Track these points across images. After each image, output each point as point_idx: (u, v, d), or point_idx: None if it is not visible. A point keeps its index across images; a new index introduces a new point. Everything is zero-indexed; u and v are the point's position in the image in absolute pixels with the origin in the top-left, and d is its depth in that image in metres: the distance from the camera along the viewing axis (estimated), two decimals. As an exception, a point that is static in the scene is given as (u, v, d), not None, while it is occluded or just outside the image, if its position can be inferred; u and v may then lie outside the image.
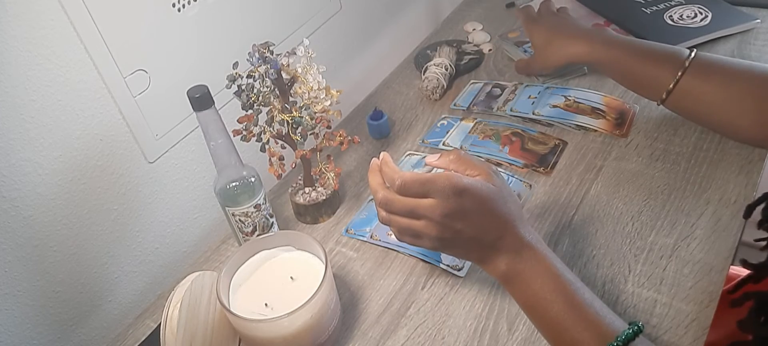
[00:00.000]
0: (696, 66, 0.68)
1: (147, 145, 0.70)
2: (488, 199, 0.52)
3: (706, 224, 0.65)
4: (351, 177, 0.84)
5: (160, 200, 0.74)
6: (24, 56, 0.56)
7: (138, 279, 0.74)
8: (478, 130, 0.86)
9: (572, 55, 0.78)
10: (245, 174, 0.67)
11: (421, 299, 0.65)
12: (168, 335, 0.55)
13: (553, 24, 0.82)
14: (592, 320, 0.49)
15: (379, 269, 0.70)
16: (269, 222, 0.71)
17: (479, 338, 0.60)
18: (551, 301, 0.50)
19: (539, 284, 0.51)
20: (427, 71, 0.95)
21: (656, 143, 0.77)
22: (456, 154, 0.56)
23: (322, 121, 0.70)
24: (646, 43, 0.74)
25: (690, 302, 0.58)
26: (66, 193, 0.63)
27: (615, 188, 0.72)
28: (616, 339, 0.47)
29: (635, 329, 0.48)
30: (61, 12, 0.57)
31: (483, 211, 0.52)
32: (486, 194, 0.52)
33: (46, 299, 0.65)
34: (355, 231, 0.75)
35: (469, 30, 1.11)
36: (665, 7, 0.99)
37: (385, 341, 0.62)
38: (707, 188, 0.69)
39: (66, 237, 0.65)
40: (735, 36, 0.92)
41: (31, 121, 0.58)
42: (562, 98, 0.87)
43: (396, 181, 0.54)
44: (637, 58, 0.72)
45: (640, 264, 0.63)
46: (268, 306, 0.58)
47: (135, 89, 0.66)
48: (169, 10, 0.67)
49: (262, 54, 0.64)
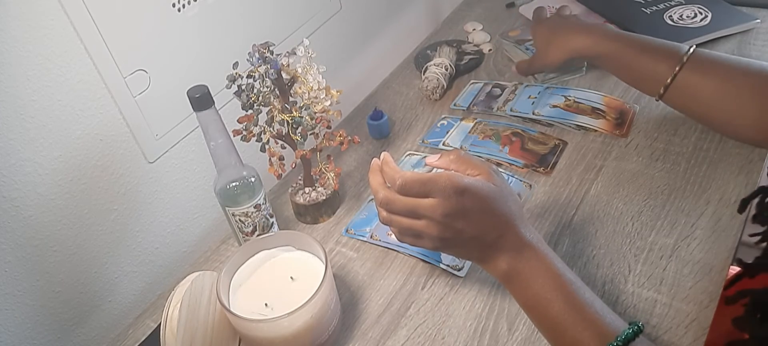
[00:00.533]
0: (694, 61, 0.68)
1: (147, 145, 0.70)
2: (489, 198, 0.52)
3: (706, 224, 0.65)
4: (351, 177, 0.84)
5: (160, 200, 0.74)
6: (24, 56, 0.56)
7: (138, 279, 0.74)
8: (478, 131, 0.86)
9: (572, 50, 0.78)
10: (245, 174, 0.67)
11: (421, 299, 0.65)
12: (168, 335, 0.55)
13: (555, 22, 0.82)
14: (593, 319, 0.49)
15: (379, 269, 0.70)
16: (269, 222, 0.71)
17: (479, 338, 0.60)
18: (551, 300, 0.50)
19: (540, 284, 0.51)
20: (427, 71, 0.95)
21: (656, 143, 0.77)
22: (456, 154, 0.56)
23: (322, 121, 0.70)
24: (646, 38, 0.73)
25: (690, 302, 0.58)
26: (66, 193, 0.63)
27: (615, 188, 0.72)
28: (617, 339, 0.47)
29: (635, 329, 0.48)
30: (61, 12, 0.57)
31: (484, 210, 0.52)
32: (487, 193, 0.52)
33: (46, 299, 0.65)
34: (355, 231, 0.75)
35: (469, 30, 1.11)
36: (665, 7, 0.99)
37: (385, 341, 0.62)
38: (707, 188, 0.69)
39: (66, 237, 0.65)
40: (735, 36, 0.92)
41: (31, 121, 0.58)
42: (562, 98, 0.87)
43: (397, 180, 0.54)
44: (636, 52, 0.72)
45: (640, 264, 0.63)
46: (268, 306, 0.58)
47: (135, 89, 0.66)
48: (169, 10, 0.67)
49: (262, 54, 0.64)
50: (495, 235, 0.52)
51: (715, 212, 0.66)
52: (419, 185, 0.52)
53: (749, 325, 0.52)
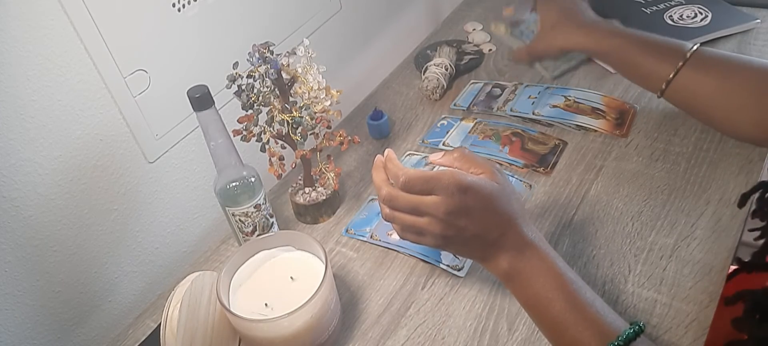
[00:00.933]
0: (696, 59, 0.68)
1: (147, 145, 0.70)
2: (492, 197, 0.52)
3: (706, 224, 0.65)
4: (351, 177, 0.84)
5: (160, 200, 0.74)
6: (24, 56, 0.56)
7: (138, 279, 0.74)
8: (478, 130, 0.86)
9: (576, 44, 0.78)
10: (245, 174, 0.67)
11: (421, 299, 0.65)
12: (168, 335, 0.55)
13: (565, 7, 0.81)
14: (594, 319, 0.49)
15: (379, 269, 0.70)
16: (269, 222, 0.71)
17: (479, 338, 0.60)
18: (552, 299, 0.50)
19: (541, 283, 0.51)
20: (427, 71, 0.95)
21: (656, 143, 0.77)
22: (460, 152, 0.56)
23: (322, 121, 0.70)
24: (650, 36, 0.73)
25: (690, 302, 0.58)
26: (66, 193, 0.63)
27: (615, 188, 0.72)
28: (617, 339, 0.47)
29: (636, 329, 0.48)
30: (61, 12, 0.57)
31: (486, 208, 0.52)
32: (489, 191, 0.52)
33: (46, 299, 0.65)
34: (355, 231, 0.75)
35: (469, 30, 1.11)
36: (665, 7, 0.99)
37: (385, 341, 0.62)
38: (707, 188, 0.69)
39: (66, 237, 0.65)
40: (735, 36, 0.92)
41: (31, 121, 0.58)
42: (562, 98, 0.87)
43: (400, 177, 0.54)
44: (639, 49, 0.72)
45: (640, 264, 0.63)
46: (268, 306, 0.58)
47: (135, 89, 0.66)
48: (169, 10, 0.67)
49: (262, 54, 0.64)
50: (497, 233, 0.52)
51: (715, 212, 0.66)
52: (422, 182, 0.52)
53: (748, 326, 0.52)
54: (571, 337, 0.49)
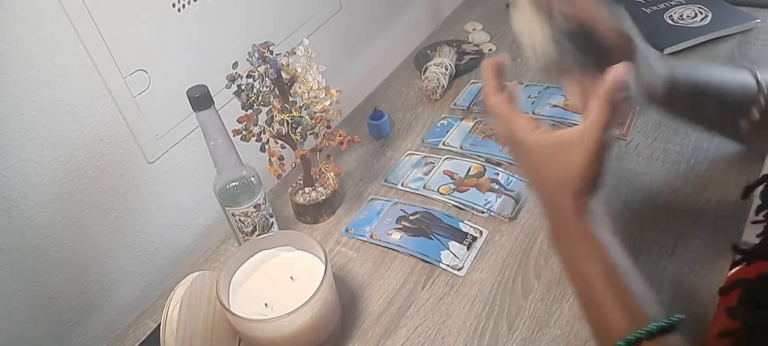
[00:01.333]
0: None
1: (147, 145, 0.70)
2: (535, 157, 0.53)
3: (706, 224, 0.65)
4: (351, 177, 0.84)
5: (160, 200, 0.74)
6: (24, 56, 0.56)
7: (138, 279, 0.74)
8: (478, 130, 0.86)
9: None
10: (245, 174, 0.67)
11: (421, 299, 0.65)
12: (168, 335, 0.55)
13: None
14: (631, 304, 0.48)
15: (379, 268, 0.69)
16: (269, 222, 0.71)
17: (479, 338, 0.60)
18: (593, 278, 0.49)
19: (586, 258, 0.50)
20: (427, 71, 0.95)
21: (656, 143, 0.77)
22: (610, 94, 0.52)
23: (322, 121, 0.70)
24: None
25: (690, 302, 0.58)
26: (66, 193, 0.63)
27: (615, 188, 0.72)
28: (647, 328, 0.46)
29: (672, 322, 0.47)
30: (61, 12, 0.57)
31: (534, 165, 0.53)
32: (531, 150, 0.53)
33: (46, 299, 0.65)
34: (355, 231, 0.75)
35: (469, 30, 1.11)
36: (665, 6, 0.99)
37: (385, 341, 0.62)
38: (707, 188, 0.69)
39: (66, 237, 0.65)
40: (735, 36, 0.92)
41: (31, 121, 0.58)
42: (562, 98, 0.87)
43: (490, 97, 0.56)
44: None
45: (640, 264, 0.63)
46: (268, 306, 0.58)
47: (135, 89, 0.66)
48: (169, 10, 0.67)
49: (262, 54, 0.65)
50: (549, 193, 0.53)
51: (715, 212, 0.66)
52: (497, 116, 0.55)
53: (741, 314, 0.52)
54: (606, 316, 0.48)
